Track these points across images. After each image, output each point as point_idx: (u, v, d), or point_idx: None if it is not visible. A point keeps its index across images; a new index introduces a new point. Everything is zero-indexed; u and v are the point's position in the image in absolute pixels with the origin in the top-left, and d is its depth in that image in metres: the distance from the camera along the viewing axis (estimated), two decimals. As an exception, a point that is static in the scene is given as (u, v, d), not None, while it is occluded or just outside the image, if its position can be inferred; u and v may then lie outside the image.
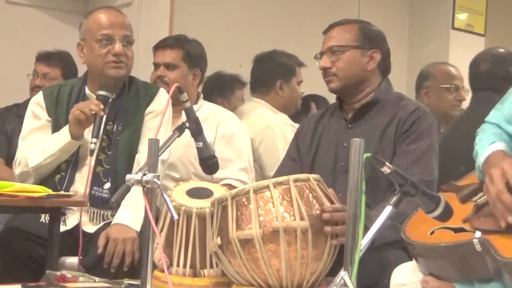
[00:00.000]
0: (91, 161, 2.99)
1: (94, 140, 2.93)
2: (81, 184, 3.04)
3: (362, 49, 2.87)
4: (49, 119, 3.15)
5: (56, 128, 3.11)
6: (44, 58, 4.18)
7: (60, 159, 3.05)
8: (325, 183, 2.33)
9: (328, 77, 2.89)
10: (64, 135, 3.02)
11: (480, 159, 2.15)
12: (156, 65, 3.66)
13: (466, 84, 4.07)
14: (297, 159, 2.98)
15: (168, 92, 2.27)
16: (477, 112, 2.89)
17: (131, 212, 2.91)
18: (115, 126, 3.09)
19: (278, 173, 2.98)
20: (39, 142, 3.09)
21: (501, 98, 2.40)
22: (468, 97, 4.10)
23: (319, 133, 2.96)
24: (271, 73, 4.09)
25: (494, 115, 2.31)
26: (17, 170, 3.10)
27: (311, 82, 4.48)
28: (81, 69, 3.64)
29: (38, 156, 3.04)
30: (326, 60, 2.88)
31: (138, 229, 2.88)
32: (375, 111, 2.85)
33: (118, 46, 3.06)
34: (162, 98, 3.18)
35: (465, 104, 4.17)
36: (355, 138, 2.65)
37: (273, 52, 4.19)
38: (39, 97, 3.21)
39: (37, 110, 3.17)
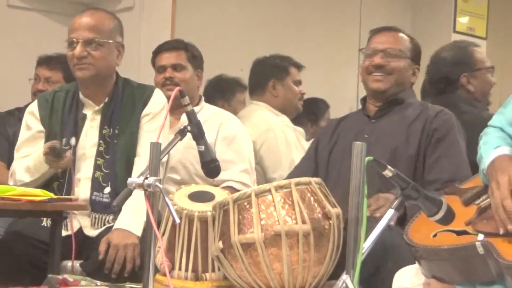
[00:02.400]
0: (74, 173, 3.00)
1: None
2: (80, 188, 3.04)
3: (411, 61, 3.01)
4: (42, 129, 3.14)
5: (49, 136, 3.11)
6: (45, 62, 4.17)
7: (44, 178, 3.07)
8: (342, 170, 2.46)
9: (379, 75, 2.96)
10: (43, 163, 3.03)
11: (485, 163, 2.15)
12: (162, 68, 3.66)
13: None
14: (313, 159, 3.09)
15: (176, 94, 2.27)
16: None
17: (132, 217, 2.90)
18: (111, 130, 3.08)
19: (295, 172, 3.12)
20: (27, 157, 3.10)
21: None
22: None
23: (338, 131, 3.07)
24: (263, 74, 4.16)
25: (497, 119, 2.31)
26: (10, 182, 3.11)
27: (312, 85, 4.49)
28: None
29: (24, 176, 3.06)
30: (381, 59, 2.96)
31: (139, 234, 2.88)
32: (400, 109, 2.97)
33: (77, 50, 3.06)
34: (158, 99, 3.17)
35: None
36: (379, 129, 2.85)
37: (269, 56, 4.23)
38: (33, 106, 3.21)
39: (30, 120, 3.17)
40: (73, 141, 3.08)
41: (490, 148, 2.17)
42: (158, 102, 3.16)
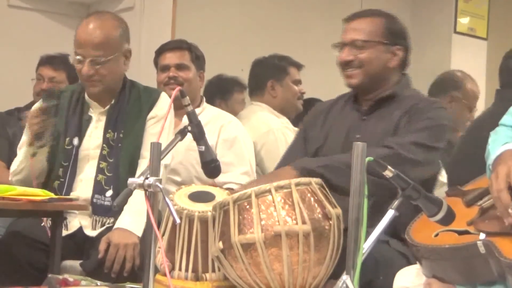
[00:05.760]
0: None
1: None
2: (81, 189, 3.04)
3: (386, 45, 2.79)
4: None
5: (53, 135, 3.09)
6: (49, 61, 4.17)
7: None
8: None
9: (349, 71, 2.79)
10: None
11: (492, 158, 2.15)
12: (165, 67, 3.65)
13: (478, 104, 4.21)
14: (303, 147, 2.92)
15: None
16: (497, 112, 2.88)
17: (133, 217, 2.90)
18: (115, 133, 3.07)
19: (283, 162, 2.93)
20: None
21: None
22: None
23: (329, 123, 2.89)
24: (262, 75, 4.16)
25: (507, 118, 2.31)
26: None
27: (312, 85, 4.49)
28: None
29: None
30: (348, 53, 2.79)
31: (139, 234, 2.88)
32: (391, 105, 2.77)
33: (84, 69, 3.03)
34: (164, 102, 3.16)
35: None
36: (368, 129, 2.73)
37: (267, 56, 4.24)
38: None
39: None
40: (75, 141, 3.08)
41: (498, 145, 2.16)
42: (165, 105, 3.15)
